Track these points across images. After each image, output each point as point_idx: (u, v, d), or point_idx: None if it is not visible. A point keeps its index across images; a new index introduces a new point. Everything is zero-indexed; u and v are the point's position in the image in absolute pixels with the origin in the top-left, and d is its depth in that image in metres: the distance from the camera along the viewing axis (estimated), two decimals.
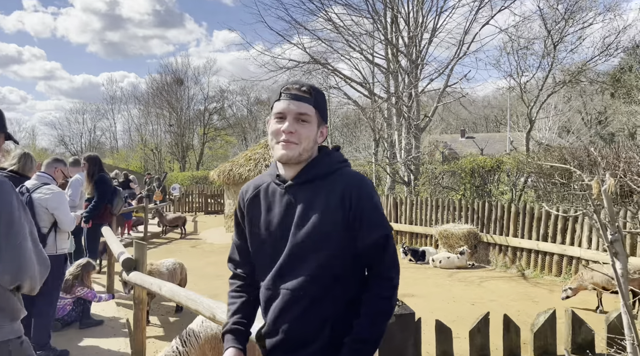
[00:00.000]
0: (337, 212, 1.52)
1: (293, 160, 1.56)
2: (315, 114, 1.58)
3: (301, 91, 1.56)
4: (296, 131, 1.54)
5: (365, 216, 1.53)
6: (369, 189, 1.58)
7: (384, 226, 1.56)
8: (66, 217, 4.36)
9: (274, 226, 1.61)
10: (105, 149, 48.47)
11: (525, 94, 13.01)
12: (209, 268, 8.78)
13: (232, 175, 12.75)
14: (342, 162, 1.66)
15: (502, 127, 52.35)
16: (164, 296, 3.37)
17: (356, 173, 1.63)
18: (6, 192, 1.80)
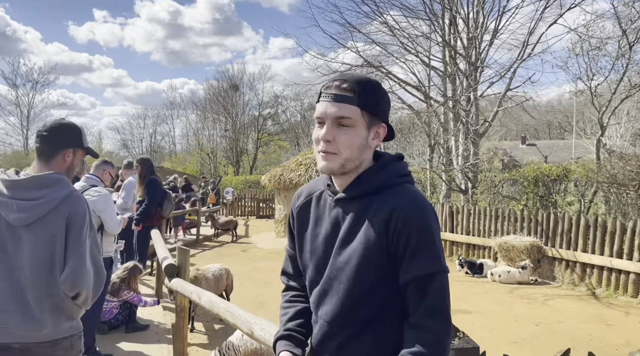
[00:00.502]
0: (382, 236, 1.28)
1: (335, 172, 1.34)
2: (361, 116, 1.30)
3: (342, 88, 1.29)
4: (334, 139, 1.30)
5: (410, 245, 1.25)
6: (424, 213, 1.28)
7: (433, 261, 1.25)
8: (112, 219, 4.31)
9: (320, 242, 1.40)
10: (164, 153, 50.16)
11: (596, 99, 12.09)
12: (257, 274, 8.65)
13: (282, 180, 12.66)
14: (402, 176, 1.38)
15: (566, 134, 49.72)
16: (202, 306, 3.19)
17: (415, 192, 1.34)
18: (82, 205, 2.09)
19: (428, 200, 1.36)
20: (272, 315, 6.18)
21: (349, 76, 1.34)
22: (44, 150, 2.17)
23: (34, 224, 2.01)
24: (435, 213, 1.36)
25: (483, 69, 11.68)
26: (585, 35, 11.08)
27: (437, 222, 1.33)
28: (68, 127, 2.25)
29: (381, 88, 1.36)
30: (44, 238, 2.00)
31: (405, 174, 1.39)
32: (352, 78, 1.32)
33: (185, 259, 3.88)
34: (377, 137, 1.36)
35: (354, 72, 1.47)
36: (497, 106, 11.23)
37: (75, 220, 2.04)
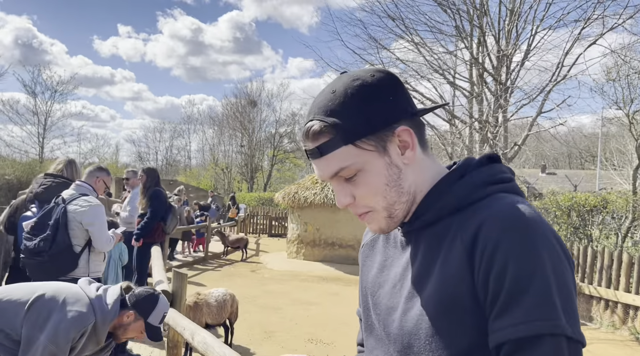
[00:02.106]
0: (465, 273, 0.83)
1: (390, 229, 0.96)
2: (359, 152, 0.89)
3: (313, 136, 0.90)
4: (356, 197, 0.93)
5: (503, 284, 0.79)
6: (528, 232, 0.80)
7: (540, 315, 0.77)
8: (101, 235, 3.75)
9: (384, 294, 0.99)
10: (179, 167, 50.18)
11: (633, 126, 11.39)
12: (266, 298, 8.02)
13: (297, 198, 12.09)
14: (492, 183, 0.91)
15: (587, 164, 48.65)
16: (195, 348, 2.59)
17: (513, 203, 0.85)
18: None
19: (539, 215, 0.84)
20: (279, 347, 5.53)
21: (315, 106, 0.92)
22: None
23: None
24: (555, 234, 0.84)
25: (513, 90, 11.09)
26: (627, 57, 10.45)
27: (555, 249, 0.81)
28: None
29: (363, 87, 0.89)
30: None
31: (499, 180, 0.92)
32: (318, 108, 0.91)
33: (181, 285, 3.30)
34: (408, 146, 0.91)
35: (315, 98, 0.95)
36: (528, 129, 10.60)
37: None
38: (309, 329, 6.33)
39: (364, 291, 1.07)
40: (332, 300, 8.19)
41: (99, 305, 2.53)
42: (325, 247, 12.03)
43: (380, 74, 0.92)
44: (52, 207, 3.66)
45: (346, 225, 11.90)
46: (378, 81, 0.91)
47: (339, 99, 0.89)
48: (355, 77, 0.91)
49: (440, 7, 11.80)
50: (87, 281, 2.70)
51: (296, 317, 6.90)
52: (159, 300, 2.67)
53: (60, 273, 3.48)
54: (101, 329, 2.51)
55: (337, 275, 10.67)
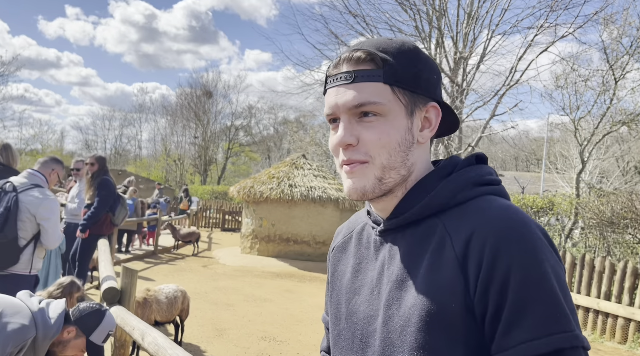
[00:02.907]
0: (455, 281, 0.77)
1: (371, 193, 0.86)
2: (392, 96, 0.83)
3: (356, 61, 0.84)
4: (359, 140, 0.84)
5: (509, 297, 0.73)
6: (529, 238, 0.75)
7: (557, 326, 0.71)
8: (55, 231, 3.55)
9: (361, 300, 0.91)
10: (129, 157, 48.55)
11: (578, 132, 11.93)
12: (218, 294, 7.84)
13: (252, 192, 11.91)
14: (481, 184, 0.86)
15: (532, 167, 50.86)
16: (145, 349, 2.44)
17: (507, 207, 0.80)
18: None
19: (531, 219, 0.79)
20: (231, 345, 5.40)
21: (365, 42, 0.88)
22: None
23: None
24: (548, 237, 0.79)
25: (468, 92, 11.35)
26: (576, 65, 10.93)
27: (552, 254, 0.77)
28: None
29: (420, 50, 0.88)
30: None
31: (488, 182, 0.86)
32: (371, 43, 0.86)
33: (131, 281, 3.12)
34: (429, 125, 0.88)
35: (377, 38, 0.90)
36: (481, 131, 10.89)
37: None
38: (262, 326, 6.22)
39: (337, 298, 0.98)
40: (286, 296, 8.11)
41: (42, 319, 2.32)
42: (280, 243, 11.92)
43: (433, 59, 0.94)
44: (1, 194, 3.40)
45: (302, 221, 11.85)
46: (431, 58, 0.90)
47: (396, 44, 0.86)
48: (415, 44, 0.91)
49: (401, 6, 11.92)
50: (27, 293, 2.48)
51: (249, 314, 6.78)
52: (104, 317, 2.49)
53: (6, 265, 3.26)
54: (41, 345, 2.30)
55: (292, 271, 10.60)
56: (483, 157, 0.92)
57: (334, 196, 11.65)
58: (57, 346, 2.42)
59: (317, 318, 6.79)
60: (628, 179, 22.07)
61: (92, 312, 2.48)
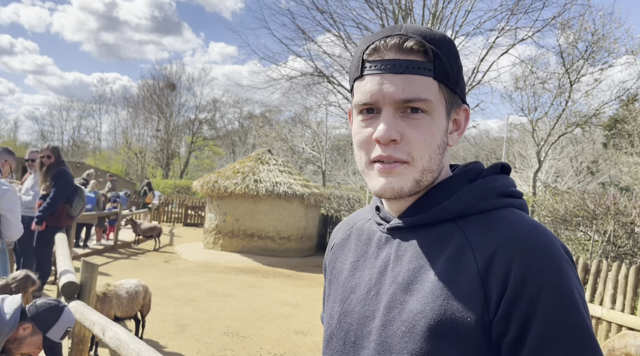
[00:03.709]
0: (473, 295, 0.72)
1: (406, 194, 0.80)
2: (440, 94, 0.79)
3: (405, 49, 0.77)
4: (404, 138, 0.78)
5: (532, 326, 0.69)
6: (559, 264, 0.71)
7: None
8: (18, 223, 3.52)
9: (357, 301, 0.85)
10: (87, 149, 47.12)
11: (535, 133, 12.38)
12: (180, 290, 7.73)
13: (216, 187, 11.78)
14: (507, 195, 0.81)
15: None
16: (107, 344, 2.40)
17: (536, 226, 0.75)
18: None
19: (556, 238, 0.76)
20: (194, 340, 5.35)
21: (408, 28, 0.80)
22: None
23: None
24: (571, 256, 0.76)
25: None
26: (534, 68, 11.31)
27: (578, 279, 0.73)
28: None
29: (454, 47, 0.82)
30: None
31: (512, 194, 0.81)
32: (415, 31, 0.79)
33: (91, 276, 3.04)
34: (458, 129, 0.84)
35: (413, 24, 0.95)
36: None
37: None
38: (225, 322, 6.18)
39: (333, 296, 0.93)
40: (249, 292, 8.08)
41: None
42: (244, 238, 11.85)
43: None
44: None
45: (266, 216, 11.81)
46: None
47: (440, 37, 0.80)
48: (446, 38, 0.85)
49: (367, 4, 12.02)
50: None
51: (212, 309, 6.72)
52: (62, 314, 2.42)
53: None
54: None
55: (255, 267, 10.56)
56: (508, 167, 0.87)
57: (300, 192, 11.67)
58: (13, 343, 2.34)
59: (281, 314, 6.80)
60: (581, 178, 23.07)
61: (49, 308, 2.42)
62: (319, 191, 12.34)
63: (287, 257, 11.81)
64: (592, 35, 11.40)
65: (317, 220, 12.98)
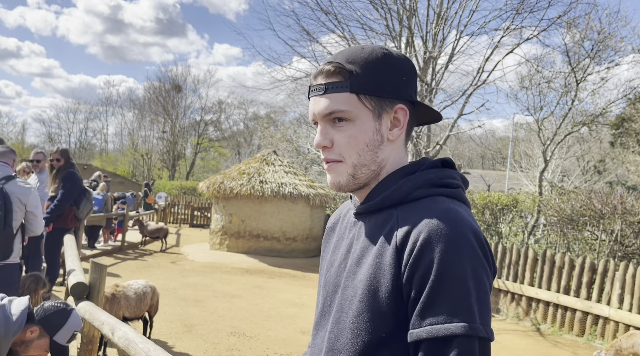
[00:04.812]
0: (393, 267, 0.90)
1: (346, 188, 1.00)
2: (358, 103, 0.96)
3: (328, 74, 0.97)
4: (333, 143, 0.98)
5: (425, 286, 0.85)
6: (455, 238, 0.86)
7: (455, 317, 0.83)
8: (42, 218, 3.76)
9: (333, 273, 1.06)
10: (94, 151, 47.37)
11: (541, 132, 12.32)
12: (187, 291, 7.78)
13: (222, 188, 11.83)
14: (437, 186, 0.96)
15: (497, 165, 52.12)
16: (116, 344, 2.43)
17: (449, 209, 0.90)
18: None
19: (470, 222, 0.89)
20: (201, 341, 5.38)
21: (339, 54, 1.00)
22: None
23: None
24: (481, 240, 0.89)
25: (437, 91, 11.56)
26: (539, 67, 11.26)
27: (477, 255, 0.86)
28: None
29: (388, 56, 0.99)
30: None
31: (445, 184, 0.97)
32: (342, 55, 0.98)
33: (100, 277, 3.08)
34: (398, 125, 0.99)
35: (351, 47, 1.03)
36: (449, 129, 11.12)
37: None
38: (232, 322, 6.22)
39: (322, 271, 1.12)
40: (255, 292, 8.11)
41: (3, 316, 2.26)
42: (250, 239, 11.89)
43: (406, 59, 1.01)
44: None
45: (272, 217, 11.84)
46: (402, 60, 1.00)
47: (363, 54, 0.97)
48: (387, 48, 1.01)
49: (372, 4, 12.00)
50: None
51: (218, 310, 6.76)
52: (69, 317, 2.44)
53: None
54: (3, 342, 2.24)
55: (262, 267, 10.60)
56: (449, 162, 1.02)
57: (305, 193, 11.69)
58: (20, 345, 2.36)
59: (287, 314, 6.83)
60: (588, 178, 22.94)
61: (56, 311, 2.43)
62: (324, 192, 12.36)
63: (293, 257, 11.84)
64: (598, 34, 11.36)
65: (323, 221, 12.99)
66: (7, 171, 3.57)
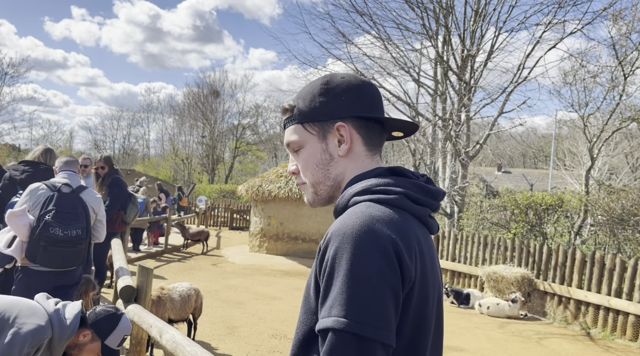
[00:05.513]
0: (314, 270, 1.01)
1: (316, 204, 1.15)
2: (304, 132, 1.10)
3: (282, 111, 1.15)
4: (298, 169, 1.14)
5: (324, 285, 0.94)
6: (343, 235, 0.93)
7: (333, 311, 0.88)
8: (105, 226, 3.91)
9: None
10: (137, 156, 48.80)
11: (587, 129, 11.86)
12: (228, 293, 7.90)
13: (261, 191, 11.97)
14: (359, 193, 1.03)
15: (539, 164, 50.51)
16: (164, 346, 2.49)
17: (356, 212, 0.96)
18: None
19: (371, 226, 0.92)
20: (243, 342, 5.46)
21: (299, 91, 1.16)
22: None
23: None
24: (384, 241, 0.92)
25: (476, 89, 11.32)
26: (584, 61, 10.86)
27: (369, 254, 0.89)
28: None
29: (327, 83, 1.09)
30: None
31: (376, 191, 1.01)
32: (299, 92, 1.14)
33: (147, 280, 3.17)
34: (343, 141, 1.08)
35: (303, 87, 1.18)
36: (489, 128, 10.88)
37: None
38: (273, 324, 6.27)
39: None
40: (295, 294, 8.15)
41: (58, 320, 2.34)
42: (288, 241, 11.97)
43: (350, 77, 1.10)
44: (64, 195, 3.50)
45: (310, 219, 11.89)
46: (341, 81, 1.09)
47: (307, 88, 1.11)
48: (331, 75, 1.11)
49: (407, 4, 11.90)
50: (44, 296, 2.51)
51: (259, 312, 6.83)
52: (120, 321, 2.51)
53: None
54: (57, 345, 2.32)
55: (300, 270, 10.65)
56: (397, 170, 1.07)
57: None
58: (73, 349, 2.44)
59: None
60: (638, 175, 21.90)
61: (107, 316, 2.51)
62: None
63: None
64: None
65: None
66: (78, 180, 3.72)
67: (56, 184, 3.58)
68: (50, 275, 3.44)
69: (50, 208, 3.41)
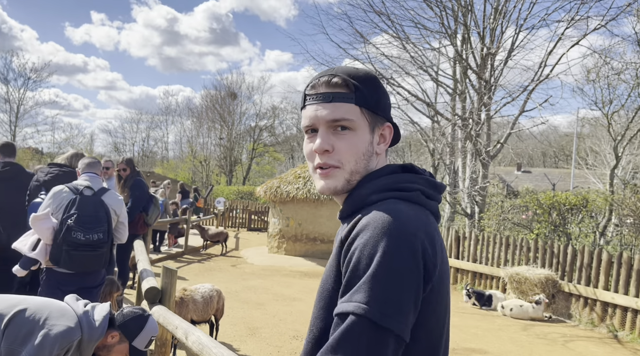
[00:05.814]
0: (337, 266, 1.01)
1: (340, 191, 1.09)
2: (361, 116, 1.07)
3: (332, 84, 1.06)
4: (334, 148, 1.06)
5: (348, 270, 0.95)
6: (378, 230, 0.94)
7: (357, 297, 0.91)
8: (127, 228, 3.91)
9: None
10: (156, 158, 49.36)
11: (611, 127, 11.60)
12: (248, 293, 7.91)
13: (279, 192, 11.98)
14: (391, 190, 1.04)
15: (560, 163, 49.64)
16: (189, 348, 2.49)
17: (390, 209, 0.98)
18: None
19: (408, 220, 0.96)
20: (264, 344, 5.45)
21: (338, 69, 1.10)
22: None
23: None
24: (414, 238, 0.94)
25: (496, 88, 11.16)
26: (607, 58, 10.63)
27: (395, 250, 0.91)
28: None
29: (378, 80, 1.12)
30: None
31: (399, 188, 1.04)
32: (343, 71, 1.09)
33: (171, 281, 3.18)
34: (384, 141, 1.12)
35: (340, 66, 1.16)
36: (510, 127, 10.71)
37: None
38: (293, 325, 6.25)
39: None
40: (314, 296, 8.12)
41: (87, 321, 2.37)
42: (307, 242, 11.96)
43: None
44: (86, 198, 3.53)
45: (328, 220, 11.86)
46: (384, 87, 1.14)
47: (361, 74, 1.08)
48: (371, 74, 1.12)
49: (426, 3, 11.80)
50: (74, 297, 2.54)
51: (280, 313, 6.82)
52: (147, 323, 2.52)
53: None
54: (87, 347, 2.34)
55: (319, 271, 10.62)
56: (409, 167, 1.10)
57: None
58: (102, 350, 2.46)
59: None
60: None
61: (135, 317, 2.52)
62: None
63: None
64: None
65: None
66: (99, 182, 3.75)
67: (78, 186, 3.61)
68: (75, 277, 3.47)
69: (73, 212, 3.43)
